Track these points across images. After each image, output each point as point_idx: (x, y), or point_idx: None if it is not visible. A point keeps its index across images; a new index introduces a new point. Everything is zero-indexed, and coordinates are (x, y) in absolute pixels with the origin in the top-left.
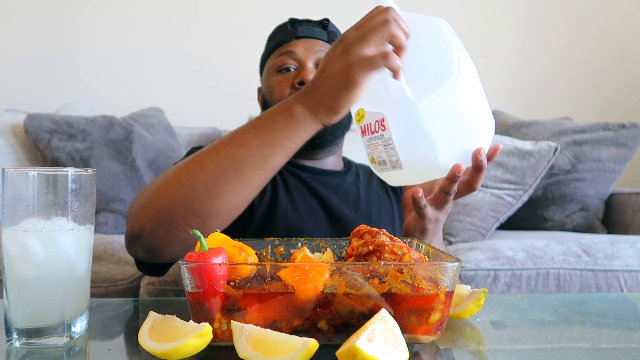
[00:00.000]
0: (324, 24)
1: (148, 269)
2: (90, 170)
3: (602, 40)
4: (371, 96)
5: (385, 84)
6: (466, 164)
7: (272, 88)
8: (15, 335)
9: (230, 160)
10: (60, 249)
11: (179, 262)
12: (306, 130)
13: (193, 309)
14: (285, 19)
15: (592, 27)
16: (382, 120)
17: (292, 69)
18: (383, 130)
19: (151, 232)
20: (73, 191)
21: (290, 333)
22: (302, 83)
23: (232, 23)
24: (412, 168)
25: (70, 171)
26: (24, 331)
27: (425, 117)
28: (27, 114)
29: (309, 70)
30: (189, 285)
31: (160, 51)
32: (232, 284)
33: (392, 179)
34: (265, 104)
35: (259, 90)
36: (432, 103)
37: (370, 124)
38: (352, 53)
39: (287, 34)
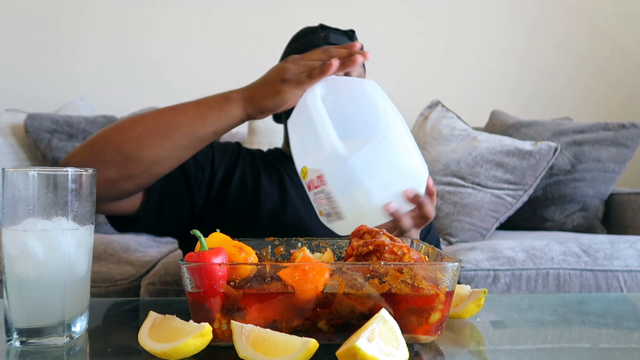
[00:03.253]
0: (350, 34)
1: (117, 223)
2: (90, 170)
3: (602, 40)
4: (310, 154)
5: (320, 142)
6: (401, 204)
7: None
8: (15, 335)
9: (168, 121)
10: (60, 249)
11: (179, 262)
12: (234, 116)
13: (193, 309)
14: (282, 23)
15: (592, 27)
16: (321, 176)
17: None
18: (323, 185)
19: (79, 157)
20: (73, 191)
21: (290, 333)
22: None
23: (232, 24)
24: (353, 218)
25: (70, 171)
26: (24, 331)
27: (358, 169)
28: (28, 113)
29: None
30: (189, 285)
31: (161, 51)
32: (232, 284)
33: (340, 229)
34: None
35: None
36: (364, 156)
37: (313, 180)
38: (288, 70)
39: (318, 39)
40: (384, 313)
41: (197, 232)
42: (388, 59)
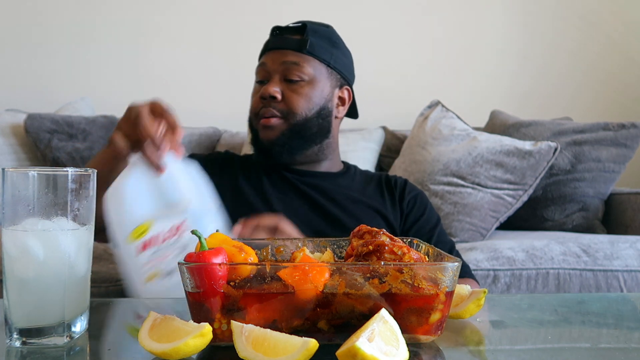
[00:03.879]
0: (301, 30)
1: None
2: (90, 170)
3: (602, 40)
4: (158, 211)
5: (177, 195)
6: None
7: (251, 97)
8: (15, 335)
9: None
10: (60, 249)
11: (179, 262)
12: (113, 152)
13: (193, 309)
14: (283, 19)
15: (592, 26)
16: (183, 222)
17: (264, 82)
18: (177, 236)
19: None
20: (73, 191)
21: (290, 333)
22: (263, 97)
23: (232, 23)
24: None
25: (71, 171)
26: (24, 331)
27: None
28: (28, 114)
29: (271, 84)
30: (189, 285)
31: (161, 51)
32: (232, 284)
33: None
34: None
35: None
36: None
37: (160, 233)
38: (119, 131)
39: (265, 45)
40: (384, 313)
41: (197, 232)
42: (388, 59)
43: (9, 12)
